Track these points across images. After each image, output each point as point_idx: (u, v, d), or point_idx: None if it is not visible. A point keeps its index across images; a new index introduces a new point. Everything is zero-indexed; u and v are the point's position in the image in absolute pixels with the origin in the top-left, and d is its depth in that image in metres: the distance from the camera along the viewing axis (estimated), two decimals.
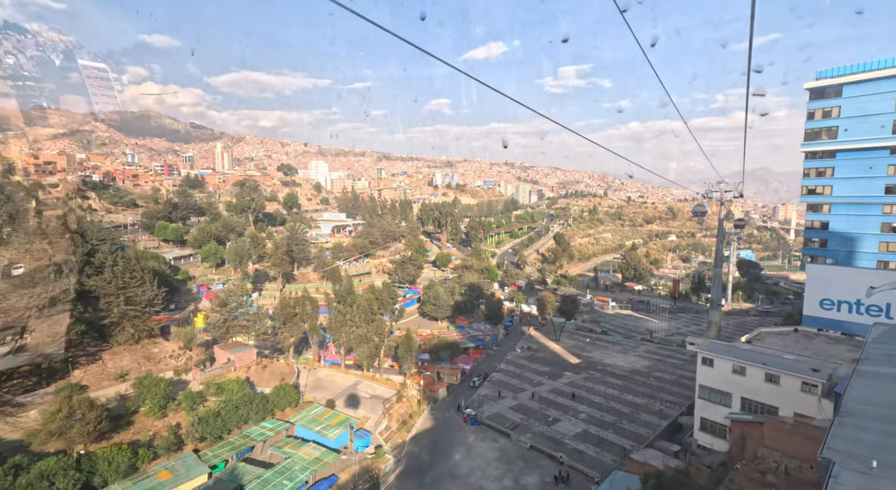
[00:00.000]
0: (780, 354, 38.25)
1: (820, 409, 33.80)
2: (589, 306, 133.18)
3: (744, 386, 37.37)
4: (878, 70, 52.87)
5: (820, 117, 57.97)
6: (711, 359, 39.12)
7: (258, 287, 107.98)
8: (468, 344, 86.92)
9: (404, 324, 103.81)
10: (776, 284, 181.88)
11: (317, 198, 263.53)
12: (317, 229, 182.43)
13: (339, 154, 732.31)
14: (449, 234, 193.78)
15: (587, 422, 58.78)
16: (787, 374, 35.08)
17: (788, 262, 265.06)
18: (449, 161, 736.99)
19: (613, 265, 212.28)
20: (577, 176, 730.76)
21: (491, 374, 76.00)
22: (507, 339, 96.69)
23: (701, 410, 40.47)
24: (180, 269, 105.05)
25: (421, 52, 12.21)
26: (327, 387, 59.60)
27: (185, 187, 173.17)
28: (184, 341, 55.27)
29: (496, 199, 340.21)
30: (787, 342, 47.85)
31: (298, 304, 66.55)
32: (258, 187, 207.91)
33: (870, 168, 55.30)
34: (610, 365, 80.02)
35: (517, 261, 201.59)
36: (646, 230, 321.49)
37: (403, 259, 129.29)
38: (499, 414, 61.23)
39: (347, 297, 70.29)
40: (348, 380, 62.18)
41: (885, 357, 21.88)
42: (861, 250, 57.17)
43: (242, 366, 55.06)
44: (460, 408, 61.27)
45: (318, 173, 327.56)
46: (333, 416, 49.18)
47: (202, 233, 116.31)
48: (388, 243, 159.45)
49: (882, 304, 46.45)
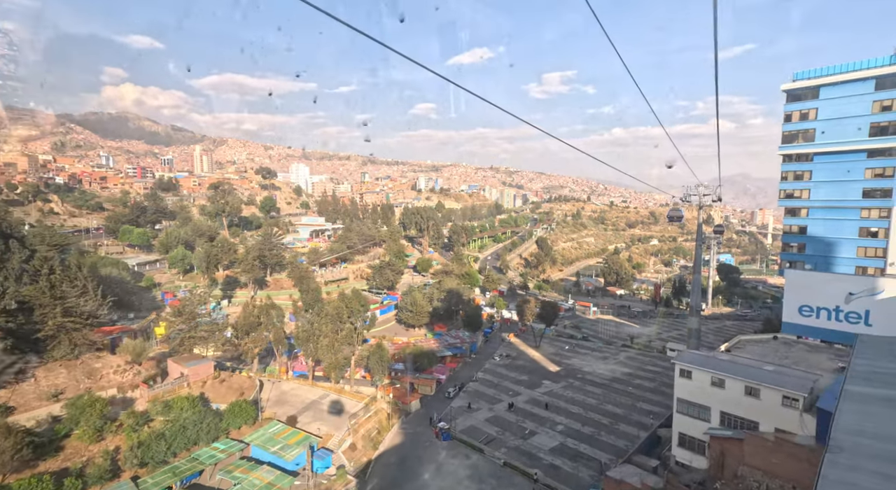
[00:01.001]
0: (761, 365, 36.44)
1: (802, 425, 31.92)
2: (570, 312, 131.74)
3: (723, 399, 35.40)
4: (854, 71, 52.29)
5: (797, 120, 57.22)
6: (689, 371, 37.10)
7: (228, 294, 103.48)
8: (445, 352, 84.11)
9: (380, 331, 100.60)
10: (755, 288, 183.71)
11: (297, 201, 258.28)
12: (295, 234, 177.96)
13: (324, 158, 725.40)
14: (431, 238, 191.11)
15: (564, 434, 56.46)
16: (767, 388, 33.18)
17: (766, 265, 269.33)
18: (435, 165, 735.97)
19: (596, 270, 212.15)
20: (561, 180, 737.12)
21: (467, 383, 73.29)
22: (487, 347, 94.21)
23: (679, 425, 38.37)
24: (144, 275, 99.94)
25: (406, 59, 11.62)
26: (291, 401, 56.07)
27: (156, 190, 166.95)
28: (132, 355, 51.21)
29: (480, 204, 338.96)
30: (766, 350, 46.28)
31: (263, 312, 62.91)
32: (234, 191, 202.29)
33: (847, 171, 54.61)
34: (590, 373, 78.10)
35: (500, 265, 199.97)
36: (628, 234, 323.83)
37: (382, 264, 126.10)
38: (473, 427, 58.48)
39: (315, 304, 66.97)
40: (314, 393, 58.74)
41: (872, 374, 19.84)
42: (839, 255, 56.38)
43: (197, 380, 51.22)
44: (433, 421, 58.38)
45: (298, 177, 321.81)
46: (293, 434, 45.78)
47: (170, 237, 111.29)
48: (367, 248, 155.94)
49: (861, 310, 45.19)
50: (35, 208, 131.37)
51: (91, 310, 49.59)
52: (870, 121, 52.29)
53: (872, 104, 51.76)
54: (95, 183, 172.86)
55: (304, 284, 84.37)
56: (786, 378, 33.74)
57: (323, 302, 74.65)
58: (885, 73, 50.38)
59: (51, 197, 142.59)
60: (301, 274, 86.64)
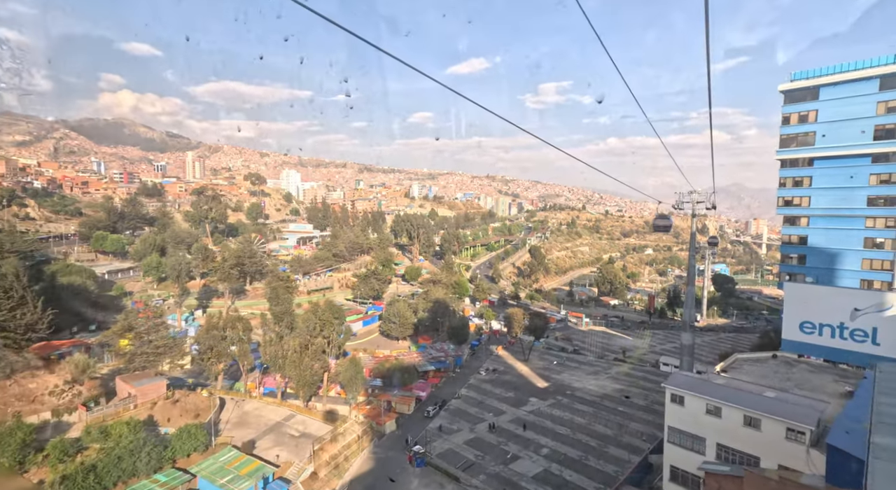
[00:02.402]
0: (761, 391, 32.60)
1: (809, 462, 28.00)
2: (562, 322, 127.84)
3: (720, 429, 31.47)
4: (857, 71, 49.24)
5: (796, 122, 54.05)
6: (682, 396, 33.17)
7: (204, 303, 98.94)
8: (428, 367, 79.76)
9: (363, 344, 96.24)
10: (750, 299, 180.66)
11: (286, 208, 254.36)
12: (282, 241, 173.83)
13: (320, 165, 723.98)
14: (421, 246, 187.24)
15: (549, 458, 52.26)
16: (769, 418, 29.30)
17: (761, 276, 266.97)
18: (431, 173, 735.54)
19: (590, 279, 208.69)
20: (557, 189, 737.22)
21: (449, 401, 68.94)
22: (473, 360, 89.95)
23: (671, 457, 34.34)
24: (115, 283, 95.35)
25: (406, 66, 11.12)
26: (252, 423, 51.62)
27: (137, 196, 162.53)
28: (74, 373, 46.79)
29: (474, 212, 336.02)
30: (765, 370, 42.52)
31: (228, 325, 58.65)
32: (220, 197, 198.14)
33: (850, 177, 51.33)
34: (579, 389, 74.00)
35: (492, 274, 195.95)
36: (623, 244, 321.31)
37: (367, 273, 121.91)
38: (451, 451, 54.16)
39: (285, 317, 62.80)
40: (279, 413, 54.31)
41: None
42: (843, 267, 52.83)
43: (146, 401, 46.82)
44: (408, 444, 54.04)
45: (289, 183, 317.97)
46: (247, 462, 41.38)
47: (145, 244, 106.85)
48: (354, 256, 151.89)
49: (868, 328, 41.57)
50: (9, 213, 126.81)
51: (28, 323, 45.25)
52: (874, 123, 49.14)
53: (877, 105, 48.67)
54: (77, 187, 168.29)
55: (274, 294, 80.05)
56: (790, 407, 29.84)
57: (293, 314, 70.32)
58: (890, 72, 47.40)
59: (27, 201, 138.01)
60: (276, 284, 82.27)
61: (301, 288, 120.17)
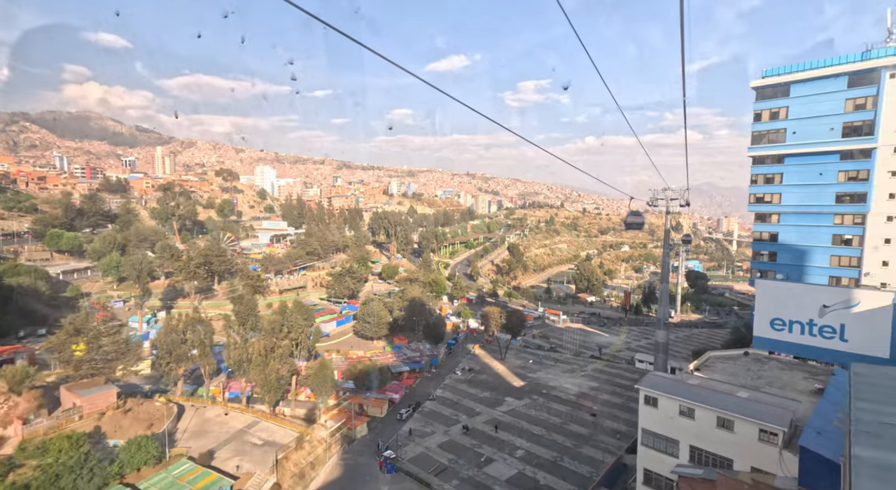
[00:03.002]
0: (734, 391, 32.02)
1: (781, 464, 27.41)
2: (540, 320, 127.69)
3: (693, 431, 30.71)
4: (826, 67, 49.67)
5: (767, 119, 54.28)
6: (655, 398, 32.30)
7: (168, 304, 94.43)
8: (402, 368, 77.87)
9: (337, 344, 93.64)
10: (722, 295, 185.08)
11: (261, 205, 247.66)
12: (254, 238, 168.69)
13: (298, 162, 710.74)
14: (399, 244, 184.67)
15: (524, 460, 51.21)
16: (741, 419, 28.64)
17: (732, 272, 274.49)
18: (411, 171, 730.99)
19: (568, 276, 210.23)
20: (536, 187, 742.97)
21: (423, 402, 67.28)
22: (449, 359, 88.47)
23: (644, 460, 33.50)
24: (70, 284, 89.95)
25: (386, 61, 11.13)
26: (212, 432, 48.78)
27: (97, 192, 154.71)
28: (9, 383, 43.04)
29: (453, 209, 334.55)
30: (737, 369, 42.31)
31: (189, 327, 55.42)
32: (189, 193, 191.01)
33: (819, 174, 51.81)
34: (555, 388, 73.41)
35: (470, 272, 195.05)
36: (600, 241, 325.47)
37: (342, 271, 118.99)
38: (424, 454, 52.54)
39: (249, 318, 59.95)
40: (243, 420, 51.59)
41: (884, 430, 14.99)
42: (812, 264, 53.40)
43: (93, 412, 43.50)
44: (379, 449, 52.14)
45: (264, 179, 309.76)
46: (203, 475, 38.76)
47: (104, 243, 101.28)
48: (330, 254, 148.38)
49: (836, 324, 41.85)
50: None
51: None
52: (843, 120, 49.64)
53: (845, 102, 49.17)
54: (33, 183, 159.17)
55: (237, 294, 76.63)
56: (762, 408, 29.22)
57: (258, 315, 67.29)
58: (858, 69, 47.90)
59: None
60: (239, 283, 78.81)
61: (273, 287, 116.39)
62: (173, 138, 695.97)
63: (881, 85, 46.83)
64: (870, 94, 47.86)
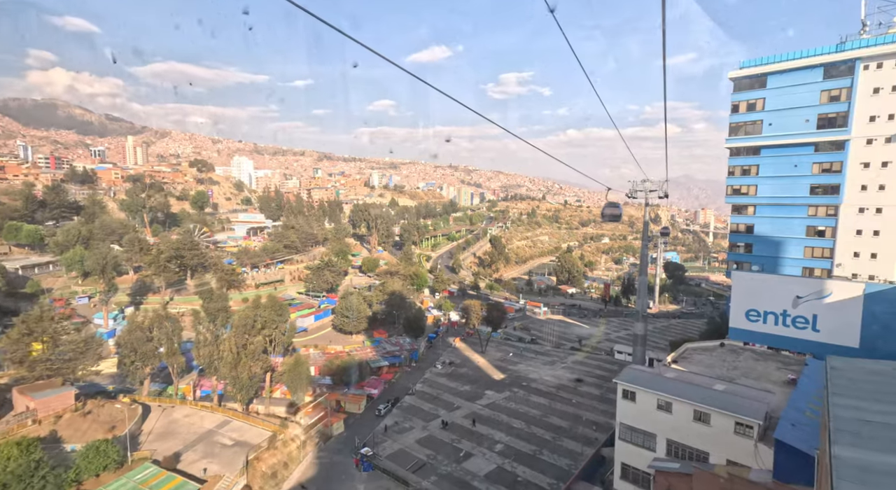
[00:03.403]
0: (711, 383, 31.87)
1: (756, 457, 27.29)
2: (521, 312, 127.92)
3: (670, 425, 30.46)
4: (802, 59, 49.88)
5: (744, 110, 54.41)
6: (633, 392, 31.91)
7: (137, 300, 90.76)
8: (381, 362, 76.69)
9: (315, 339, 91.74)
10: (698, 285, 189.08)
11: (238, 197, 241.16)
12: (230, 231, 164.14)
13: (277, 153, 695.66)
14: (380, 236, 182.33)
15: (503, 454, 50.82)
16: (718, 412, 28.43)
17: (708, 263, 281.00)
18: (393, 163, 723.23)
19: (549, 268, 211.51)
20: (519, 180, 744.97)
21: (403, 397, 66.34)
22: (430, 353, 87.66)
23: (622, 454, 33.21)
24: (30, 279, 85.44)
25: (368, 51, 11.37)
26: (180, 433, 46.81)
27: (61, 182, 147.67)
28: None
29: (436, 201, 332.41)
30: (714, 360, 42.49)
31: (155, 324, 52.94)
32: (161, 184, 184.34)
33: (794, 166, 52.29)
34: (535, 380, 73.36)
35: (452, 264, 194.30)
36: (581, 233, 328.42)
37: (321, 265, 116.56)
38: (403, 451, 51.67)
39: (220, 314, 57.62)
40: (213, 420, 49.71)
41: (863, 428, 14.50)
42: (786, 256, 54.11)
43: (48, 415, 41.09)
44: (356, 447, 51.00)
45: (241, 171, 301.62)
46: (167, 479, 36.99)
47: (68, 236, 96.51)
48: (308, 247, 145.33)
49: (808, 315, 42.33)
50: None
51: None
52: (817, 112, 50.01)
53: (820, 94, 49.52)
54: None
55: (206, 290, 73.97)
56: (738, 401, 29.05)
57: (229, 310, 64.85)
58: (832, 61, 48.20)
59: None
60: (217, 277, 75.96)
61: (249, 281, 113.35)
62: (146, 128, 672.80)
63: (855, 76, 47.27)
64: (844, 86, 48.29)
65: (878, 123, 46.60)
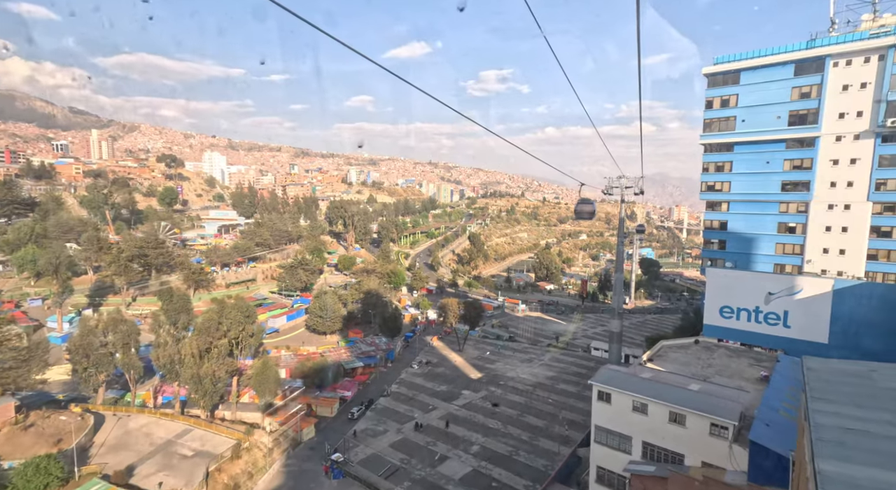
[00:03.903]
0: (686, 383, 31.34)
1: (731, 459, 26.74)
2: (499, 309, 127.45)
3: (646, 427, 29.75)
4: (774, 55, 50.18)
5: (718, 106, 54.57)
6: (608, 393, 31.06)
7: (97, 301, 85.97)
8: (356, 363, 74.66)
9: (288, 340, 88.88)
10: (673, 281, 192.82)
11: (209, 193, 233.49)
12: (200, 229, 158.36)
13: (253, 149, 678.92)
14: (357, 234, 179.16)
15: (479, 456, 49.75)
16: (693, 414, 27.81)
17: (682, 259, 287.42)
18: (372, 159, 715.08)
19: (528, 265, 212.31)
20: (498, 177, 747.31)
21: (377, 399, 64.56)
22: (407, 353, 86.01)
23: (597, 457, 32.40)
24: None
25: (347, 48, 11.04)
26: (136, 444, 43.93)
27: (15, 177, 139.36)
28: None
29: (415, 198, 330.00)
30: (689, 357, 42.30)
31: (109, 327, 49.61)
32: (127, 180, 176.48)
33: (767, 163, 52.77)
34: (513, 378, 72.65)
35: (431, 262, 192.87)
36: (559, 230, 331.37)
37: (294, 263, 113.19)
38: (376, 455, 50.00)
39: (181, 316, 54.47)
40: (172, 429, 46.92)
41: (846, 436, 13.66)
42: (759, 252, 54.64)
43: None
44: (327, 452, 49.07)
45: (213, 166, 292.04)
46: None
47: (20, 234, 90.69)
48: (282, 245, 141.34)
49: (780, 311, 42.56)
50: None
51: None
52: (789, 108, 50.44)
53: (791, 91, 49.94)
54: None
55: (165, 290, 70.44)
56: (713, 401, 28.50)
57: (192, 312, 61.57)
58: (803, 57, 48.58)
59: None
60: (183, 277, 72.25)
61: (219, 281, 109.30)
62: (113, 122, 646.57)
63: (825, 73, 47.77)
64: (814, 83, 48.77)
65: (847, 120, 47.26)
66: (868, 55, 45.06)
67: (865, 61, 45.17)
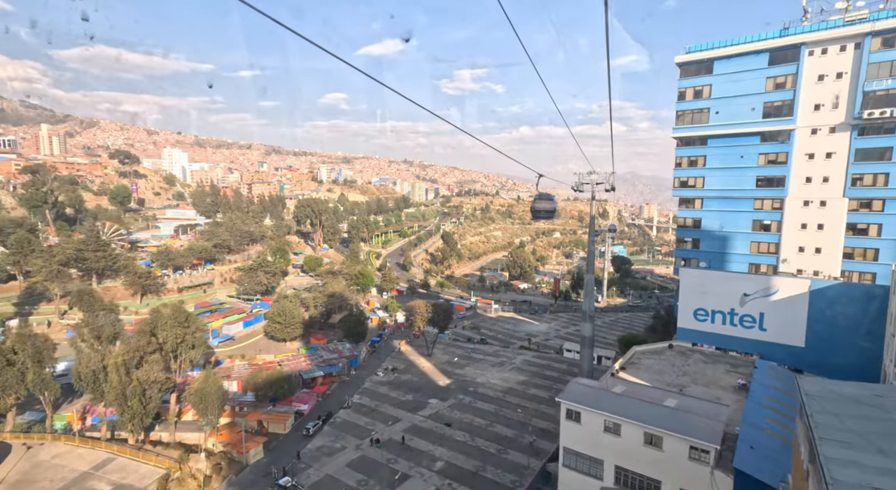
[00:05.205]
0: (663, 399, 28.25)
1: (713, 486, 23.65)
2: (472, 310, 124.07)
3: (618, 450, 26.53)
4: (748, 44, 48.18)
5: (691, 97, 52.37)
6: (578, 412, 27.66)
7: (25, 310, 77.72)
8: (315, 373, 69.64)
9: (244, 348, 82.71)
10: (644, 278, 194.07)
11: (169, 192, 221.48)
12: (154, 229, 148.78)
13: (222, 146, 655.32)
14: (326, 233, 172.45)
15: (443, 474, 45.99)
16: (671, 436, 24.68)
17: (653, 256, 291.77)
18: (346, 157, 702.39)
19: (502, 263, 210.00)
20: (473, 175, 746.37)
21: (336, 412, 59.86)
22: (372, 359, 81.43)
23: (566, 483, 29.01)
24: None
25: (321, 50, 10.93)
26: (43, 478, 38.02)
27: None
28: None
29: (388, 197, 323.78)
30: (663, 364, 39.65)
31: (17, 344, 43.22)
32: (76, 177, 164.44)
33: (741, 157, 50.83)
34: (483, 384, 69.23)
35: (403, 262, 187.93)
36: (534, 228, 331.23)
37: (254, 265, 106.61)
38: (330, 477, 45.56)
39: (106, 328, 48.34)
40: (90, 459, 41.12)
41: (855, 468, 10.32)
42: (734, 251, 52.76)
43: None
44: (274, 476, 44.25)
45: (173, 164, 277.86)
46: None
47: None
48: (244, 246, 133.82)
49: (755, 313, 40.45)
50: None
51: None
52: (763, 100, 48.60)
53: (766, 81, 48.07)
54: None
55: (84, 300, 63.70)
56: (693, 420, 25.38)
57: (118, 322, 55.10)
58: (778, 46, 46.76)
59: None
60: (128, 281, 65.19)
61: (171, 285, 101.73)
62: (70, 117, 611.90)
63: (800, 63, 46.08)
64: (789, 73, 47.04)
65: (823, 112, 45.68)
66: (844, 43, 43.47)
67: (841, 50, 43.58)
